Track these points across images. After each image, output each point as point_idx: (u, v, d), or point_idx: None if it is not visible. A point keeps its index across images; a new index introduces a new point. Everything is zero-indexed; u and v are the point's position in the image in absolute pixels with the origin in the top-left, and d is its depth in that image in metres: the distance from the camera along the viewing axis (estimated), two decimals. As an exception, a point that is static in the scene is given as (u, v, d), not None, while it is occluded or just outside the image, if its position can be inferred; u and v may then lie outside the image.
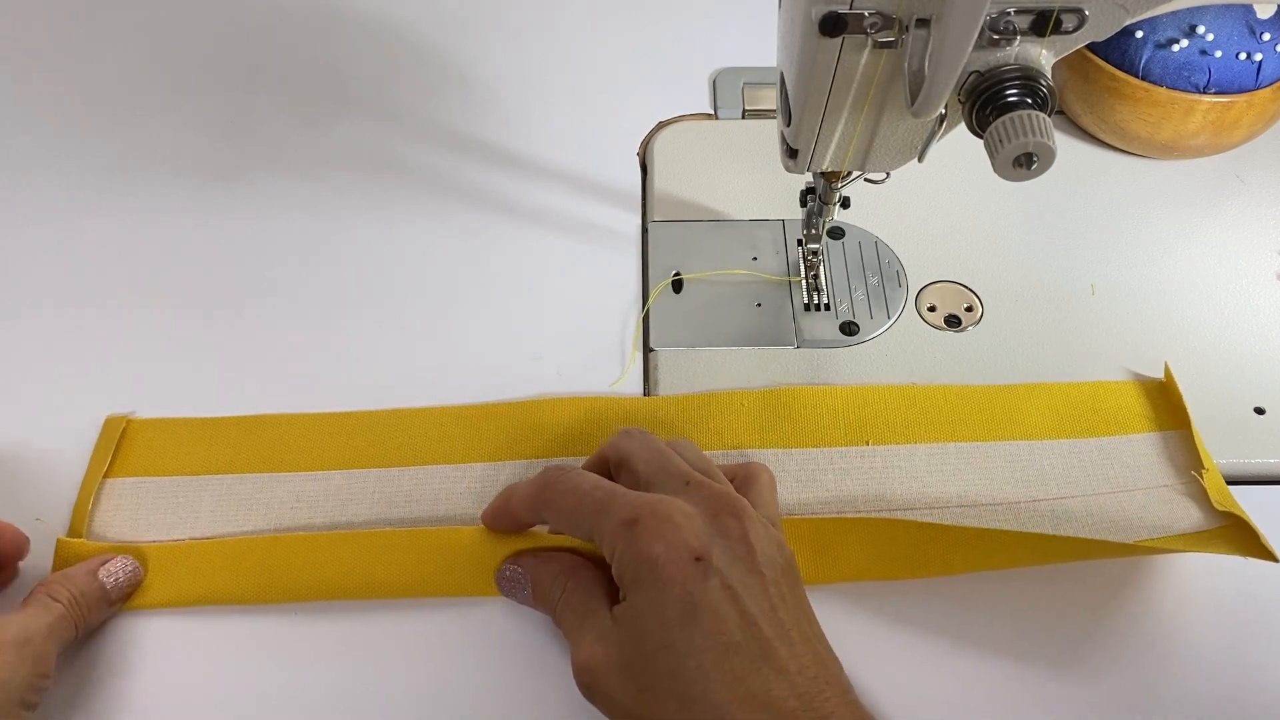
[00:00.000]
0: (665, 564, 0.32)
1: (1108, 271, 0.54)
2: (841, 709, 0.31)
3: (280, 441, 0.46)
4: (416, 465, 0.45)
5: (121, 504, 0.44)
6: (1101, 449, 0.45)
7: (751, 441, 0.45)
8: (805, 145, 0.40)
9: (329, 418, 0.47)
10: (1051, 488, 0.44)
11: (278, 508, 0.44)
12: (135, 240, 0.55)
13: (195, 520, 0.43)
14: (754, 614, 0.32)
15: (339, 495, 0.44)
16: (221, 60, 0.65)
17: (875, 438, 0.45)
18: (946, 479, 0.44)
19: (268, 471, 0.45)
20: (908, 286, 0.53)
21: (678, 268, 0.53)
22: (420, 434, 0.46)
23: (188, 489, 0.44)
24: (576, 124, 0.62)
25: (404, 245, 0.55)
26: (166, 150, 0.60)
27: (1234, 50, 0.53)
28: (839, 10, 0.32)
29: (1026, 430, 0.46)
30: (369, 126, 0.61)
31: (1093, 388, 0.48)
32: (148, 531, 0.43)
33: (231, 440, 0.46)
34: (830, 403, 0.47)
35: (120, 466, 0.45)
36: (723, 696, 0.30)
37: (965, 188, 0.57)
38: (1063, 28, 0.32)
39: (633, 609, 0.33)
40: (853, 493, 0.44)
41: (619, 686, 0.32)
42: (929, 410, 0.46)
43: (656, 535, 0.33)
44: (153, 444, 0.46)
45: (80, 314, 0.52)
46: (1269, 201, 0.57)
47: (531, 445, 0.46)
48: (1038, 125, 0.32)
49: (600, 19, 0.68)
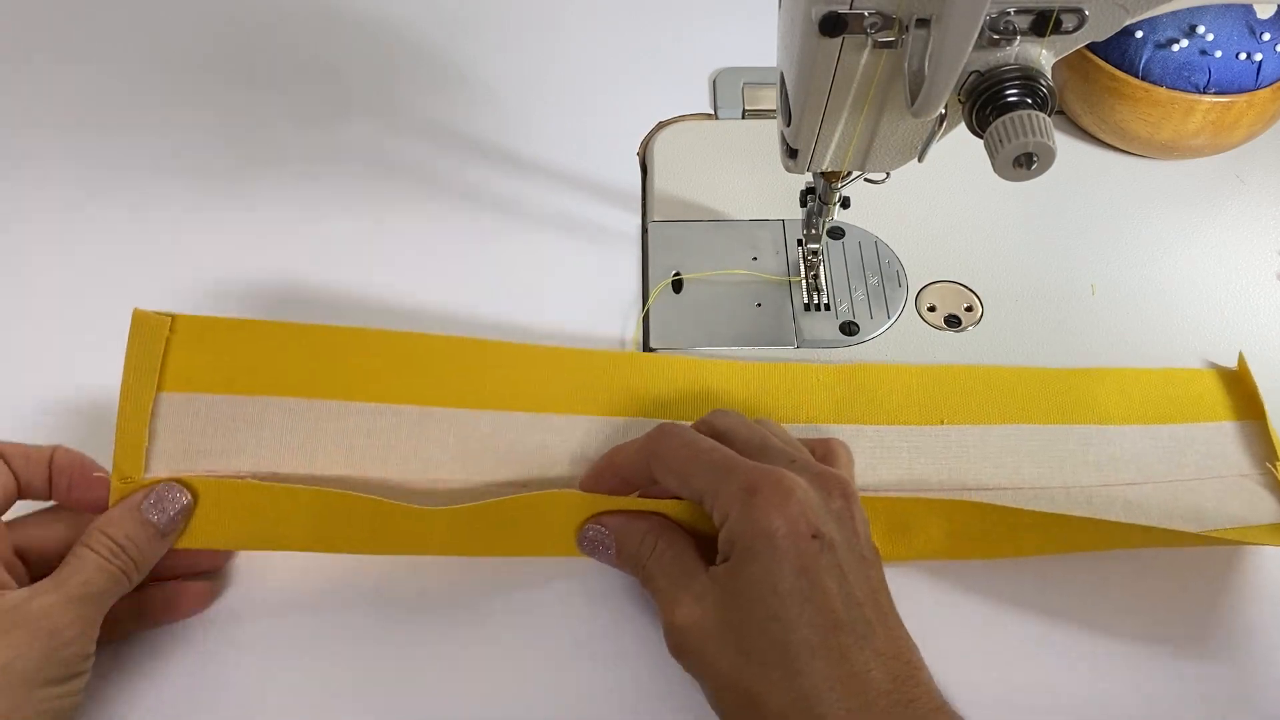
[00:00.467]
0: (784, 537, 0.32)
1: (1108, 271, 0.54)
2: (925, 696, 0.32)
3: (350, 363, 0.41)
4: (494, 410, 0.43)
5: (170, 426, 0.38)
6: (1175, 436, 0.45)
7: (828, 416, 0.45)
8: (805, 145, 0.40)
9: (403, 337, 0.43)
10: (1124, 473, 0.44)
11: (347, 442, 0.40)
12: (135, 240, 0.55)
13: (258, 448, 0.39)
14: (859, 596, 0.33)
15: (413, 434, 0.41)
16: (221, 60, 0.65)
17: (950, 417, 0.46)
18: (1020, 461, 0.44)
19: (337, 398, 0.41)
20: (908, 286, 0.53)
21: (678, 268, 0.53)
22: (496, 374, 0.43)
23: (246, 411, 0.39)
24: (576, 124, 0.62)
25: (404, 245, 0.55)
26: (166, 150, 0.60)
27: (1234, 50, 0.53)
28: (839, 10, 0.32)
29: (1099, 415, 0.46)
30: (369, 126, 0.61)
31: (1166, 374, 0.48)
32: (203, 460, 0.38)
33: (295, 353, 0.41)
34: (906, 381, 0.47)
35: (170, 379, 0.39)
36: (825, 672, 0.31)
37: (965, 188, 0.57)
38: (1063, 28, 0.32)
39: (743, 576, 0.33)
40: (926, 471, 0.44)
41: (717, 649, 0.33)
42: (1003, 391, 0.46)
43: (777, 507, 0.33)
44: (204, 350, 0.40)
45: (81, 313, 0.52)
46: (1269, 201, 0.57)
47: (618, 403, 0.44)
48: (1038, 125, 0.32)
49: (600, 19, 0.68)
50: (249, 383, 0.40)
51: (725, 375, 0.46)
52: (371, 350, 0.42)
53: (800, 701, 0.31)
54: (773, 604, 0.32)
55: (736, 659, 0.32)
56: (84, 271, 0.54)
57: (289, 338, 0.41)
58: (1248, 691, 0.39)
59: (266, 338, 0.41)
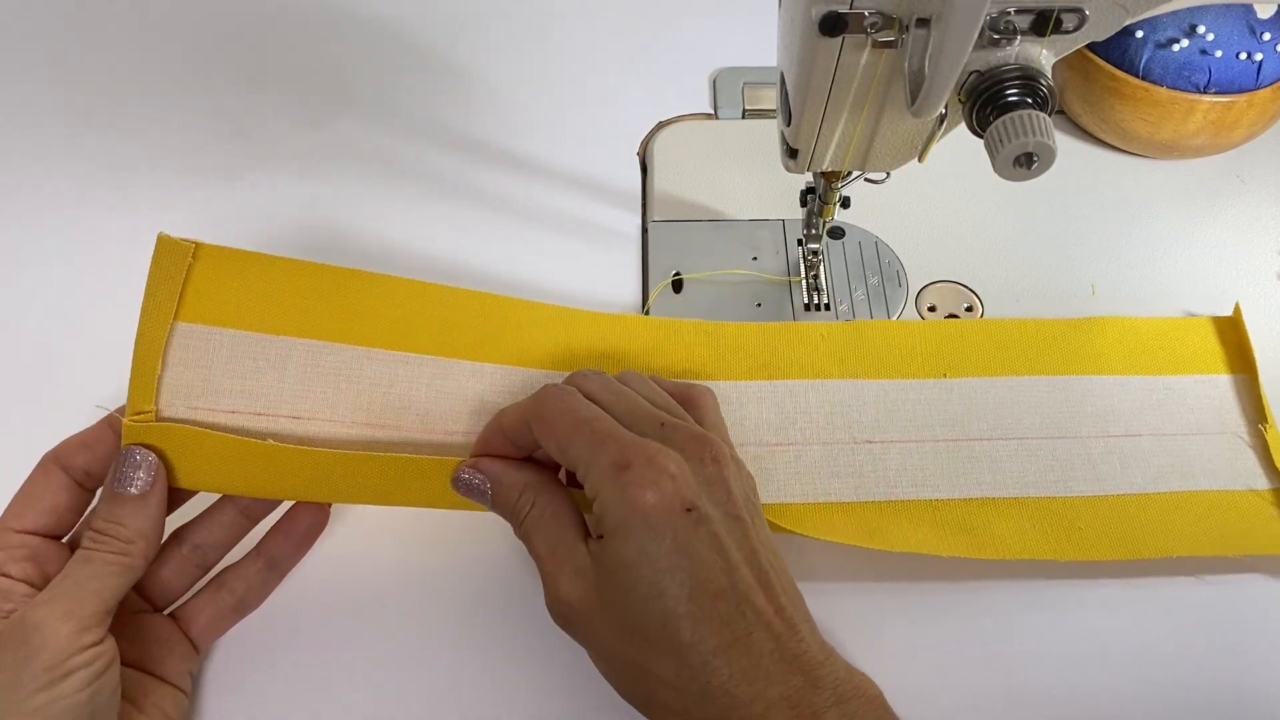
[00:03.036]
0: (657, 514, 0.32)
1: (1108, 271, 0.54)
2: (813, 648, 0.32)
3: (372, 307, 0.41)
4: (509, 364, 0.43)
5: (189, 360, 0.37)
6: (1169, 387, 0.46)
7: (831, 371, 0.46)
8: (805, 145, 0.40)
9: (425, 287, 0.42)
10: (1122, 424, 0.45)
11: (369, 389, 0.40)
12: (135, 240, 0.55)
13: (280, 392, 0.38)
14: (736, 560, 0.33)
15: (432, 385, 0.41)
16: (222, 60, 0.65)
17: (953, 371, 0.46)
18: (1023, 412, 0.45)
19: (359, 344, 0.40)
20: (908, 286, 0.53)
21: (678, 268, 0.53)
22: (515, 329, 0.43)
23: (270, 350, 0.39)
24: (576, 124, 0.61)
25: (404, 245, 0.55)
26: (167, 150, 0.60)
27: (1234, 50, 0.53)
28: (839, 10, 0.32)
29: (1099, 365, 0.47)
30: (369, 126, 0.61)
31: (1163, 323, 0.48)
32: (224, 399, 0.37)
33: (321, 294, 0.40)
34: (908, 337, 0.47)
35: (189, 309, 0.37)
36: (710, 642, 0.31)
37: (965, 188, 0.57)
38: (1063, 27, 0.32)
39: (620, 555, 0.33)
40: (931, 420, 0.44)
41: (603, 626, 0.33)
42: (1005, 343, 0.47)
43: (650, 483, 0.33)
44: (227, 282, 0.38)
45: (80, 314, 0.52)
46: (1269, 201, 0.57)
47: (638, 365, 0.44)
48: (1038, 125, 0.32)
49: (600, 19, 0.68)
50: (273, 321, 0.39)
51: (739, 335, 0.46)
52: (399, 298, 0.42)
53: (687, 671, 0.31)
54: (653, 581, 0.32)
55: (621, 635, 0.32)
56: (85, 272, 0.54)
57: (315, 277, 0.40)
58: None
59: (293, 275, 0.40)
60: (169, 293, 0.37)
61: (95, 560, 0.34)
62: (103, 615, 0.34)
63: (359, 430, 0.40)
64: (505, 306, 0.44)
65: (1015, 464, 0.43)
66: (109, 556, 0.35)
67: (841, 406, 0.45)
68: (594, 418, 0.35)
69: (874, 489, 0.43)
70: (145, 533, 0.36)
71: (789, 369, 0.46)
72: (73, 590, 0.34)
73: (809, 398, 0.45)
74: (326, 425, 0.39)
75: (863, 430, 0.44)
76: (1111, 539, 0.42)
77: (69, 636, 0.32)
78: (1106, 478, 0.43)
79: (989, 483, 0.43)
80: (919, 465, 0.43)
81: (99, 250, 0.54)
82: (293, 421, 0.39)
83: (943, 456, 0.44)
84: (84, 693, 0.32)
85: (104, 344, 0.51)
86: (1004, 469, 0.43)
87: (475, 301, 0.43)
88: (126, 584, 0.35)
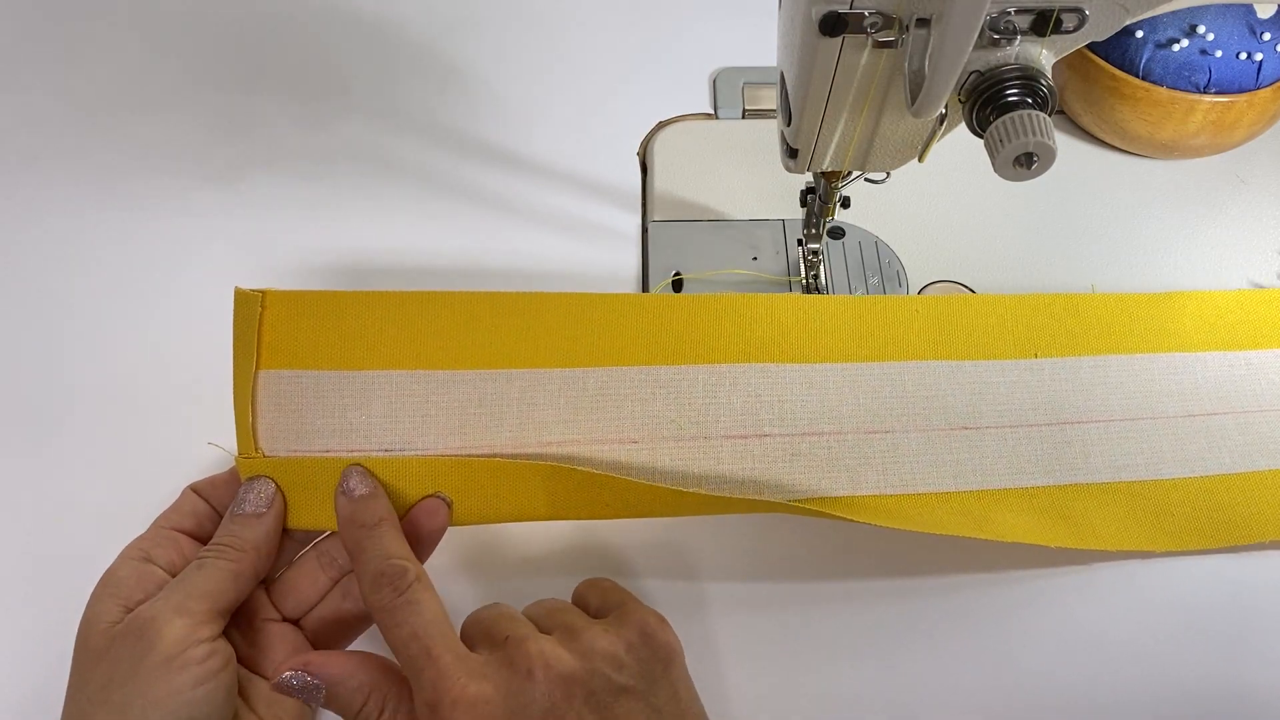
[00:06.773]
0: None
1: (1108, 271, 0.54)
2: None
3: (451, 329, 0.40)
4: (601, 366, 0.41)
5: (281, 404, 0.39)
6: (1250, 363, 0.46)
7: (923, 353, 0.45)
8: (805, 145, 0.40)
9: (502, 297, 0.41)
10: (1205, 403, 0.45)
11: (459, 413, 0.40)
12: (134, 239, 0.55)
13: (369, 428, 0.39)
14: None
15: (523, 399, 0.40)
16: (221, 60, 0.65)
17: (1043, 350, 0.46)
18: (1109, 392, 0.45)
19: (441, 368, 0.40)
20: (908, 286, 0.53)
21: (678, 268, 0.53)
22: (602, 326, 0.42)
23: (351, 386, 0.39)
24: (576, 124, 0.62)
25: (404, 245, 0.55)
26: (166, 150, 0.60)
27: (1234, 50, 0.53)
28: (839, 10, 0.32)
29: (1182, 342, 0.46)
30: (370, 126, 0.61)
31: (1243, 295, 0.48)
32: (317, 439, 0.38)
33: (391, 323, 0.40)
34: (999, 312, 0.46)
35: (269, 355, 0.39)
36: None
37: (965, 188, 0.57)
38: (1063, 27, 0.32)
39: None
40: (1023, 404, 0.44)
41: None
42: (1092, 322, 0.46)
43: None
44: (299, 324, 0.39)
45: (80, 313, 0.52)
46: (1269, 201, 0.57)
47: (726, 349, 0.43)
48: (1038, 125, 0.32)
49: (600, 19, 0.68)
50: (350, 357, 0.39)
51: (828, 310, 0.45)
52: (470, 314, 0.41)
53: None
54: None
55: None
56: (85, 272, 0.54)
57: (381, 307, 0.40)
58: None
59: (359, 307, 0.40)
60: (249, 343, 0.39)
61: (208, 566, 0.36)
62: (213, 614, 0.35)
63: (451, 454, 0.40)
64: (578, 303, 0.42)
65: (1104, 447, 0.43)
66: (220, 563, 0.36)
67: (938, 391, 0.44)
68: (478, 620, 0.35)
69: (971, 478, 0.42)
70: (258, 544, 0.37)
71: (883, 350, 0.44)
72: (186, 589, 0.35)
73: (904, 381, 0.44)
74: (417, 456, 0.39)
75: (958, 416, 0.43)
76: (1202, 525, 0.42)
77: (182, 630, 0.34)
78: (1194, 458, 0.43)
79: (1082, 468, 0.43)
80: (1014, 452, 0.43)
81: (99, 250, 0.54)
82: (384, 455, 0.39)
83: (1035, 442, 0.43)
84: (199, 689, 0.33)
85: (104, 343, 0.51)
86: (1094, 452, 0.43)
87: (549, 303, 0.42)
88: (237, 589, 0.36)
